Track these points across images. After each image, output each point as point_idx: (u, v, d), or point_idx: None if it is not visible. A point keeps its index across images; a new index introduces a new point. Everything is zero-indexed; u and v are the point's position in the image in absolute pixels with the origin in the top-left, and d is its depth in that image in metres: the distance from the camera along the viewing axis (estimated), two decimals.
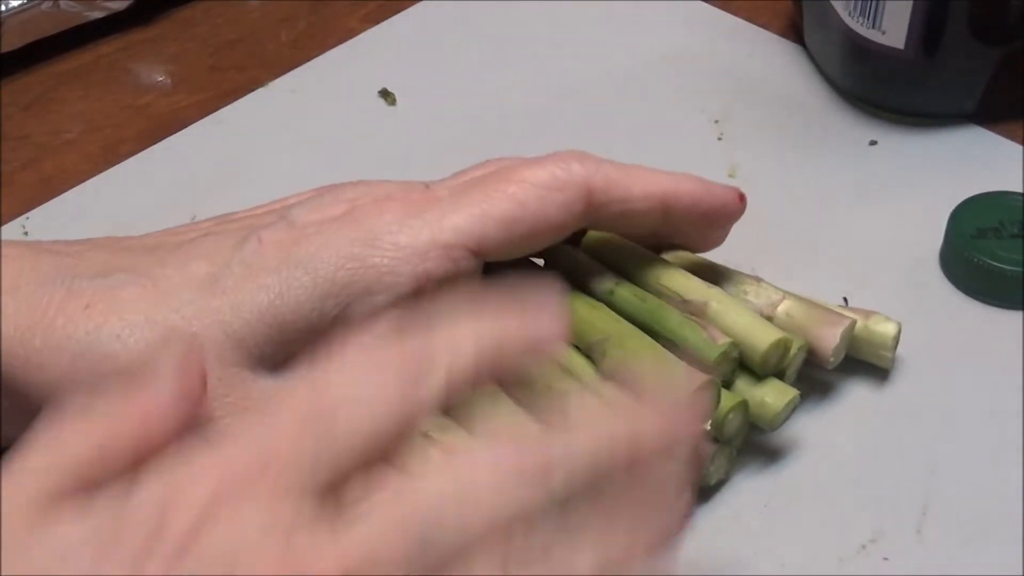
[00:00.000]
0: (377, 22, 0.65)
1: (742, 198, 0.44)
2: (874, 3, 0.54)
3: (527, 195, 0.39)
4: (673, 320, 0.43)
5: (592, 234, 0.47)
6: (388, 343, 0.30)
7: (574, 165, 0.40)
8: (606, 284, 0.44)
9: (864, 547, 0.41)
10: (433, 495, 0.28)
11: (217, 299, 0.37)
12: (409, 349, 0.29)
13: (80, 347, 0.36)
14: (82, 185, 0.56)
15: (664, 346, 0.42)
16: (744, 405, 0.42)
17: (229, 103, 0.60)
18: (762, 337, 0.42)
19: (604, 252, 0.46)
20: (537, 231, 0.40)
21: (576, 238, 0.45)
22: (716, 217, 0.43)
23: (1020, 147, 0.56)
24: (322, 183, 0.49)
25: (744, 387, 0.42)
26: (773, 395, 0.42)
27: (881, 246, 0.51)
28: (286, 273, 0.37)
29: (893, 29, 0.54)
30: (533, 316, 0.31)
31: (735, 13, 0.64)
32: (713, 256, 0.47)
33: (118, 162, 0.57)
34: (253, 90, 0.60)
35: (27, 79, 0.61)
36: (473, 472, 0.28)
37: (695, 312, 0.43)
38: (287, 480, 0.27)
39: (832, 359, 0.44)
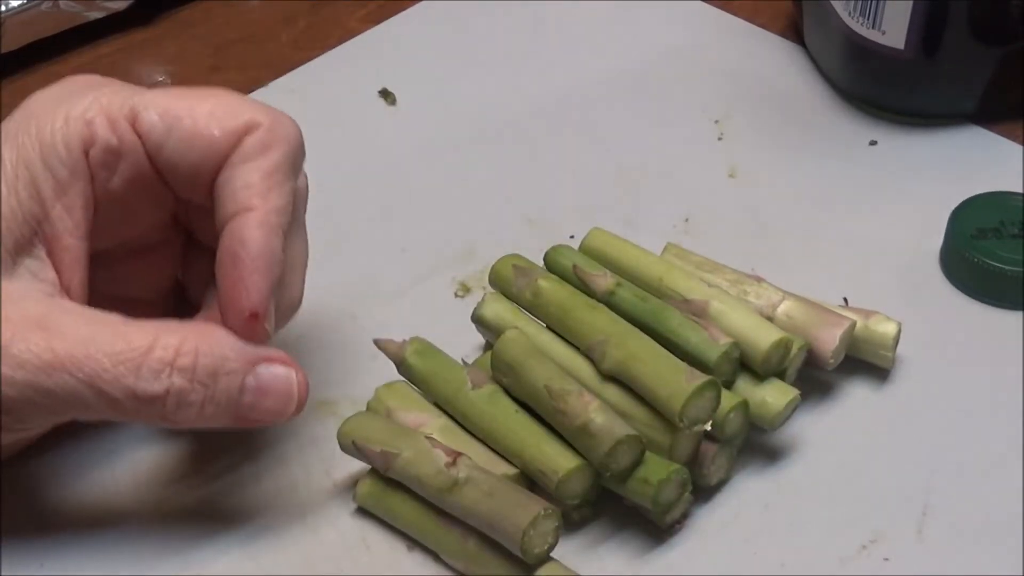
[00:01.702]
0: (377, 22, 0.65)
1: (254, 319, 0.39)
2: (874, 3, 0.54)
3: (204, 103, 0.40)
4: (674, 320, 0.43)
5: (593, 234, 0.47)
6: None
7: (266, 113, 0.40)
8: (606, 284, 0.44)
9: (864, 547, 0.41)
10: None
11: None
12: None
13: None
14: None
15: (664, 346, 0.42)
16: (745, 405, 0.42)
17: None
18: (763, 337, 0.42)
19: (604, 252, 0.46)
20: (195, 137, 0.39)
21: None
22: (227, 294, 0.39)
23: (1020, 147, 0.56)
24: (322, 183, 0.49)
25: (745, 387, 0.42)
26: (774, 395, 0.42)
27: (881, 246, 0.51)
28: None
29: (893, 29, 0.54)
30: None
31: (735, 13, 0.64)
32: (713, 256, 0.47)
33: None
34: (253, 90, 0.60)
35: (27, 79, 0.61)
36: None
37: (696, 312, 0.43)
38: None
39: (832, 360, 0.44)
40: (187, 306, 0.45)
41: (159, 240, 0.44)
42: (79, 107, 0.39)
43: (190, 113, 0.40)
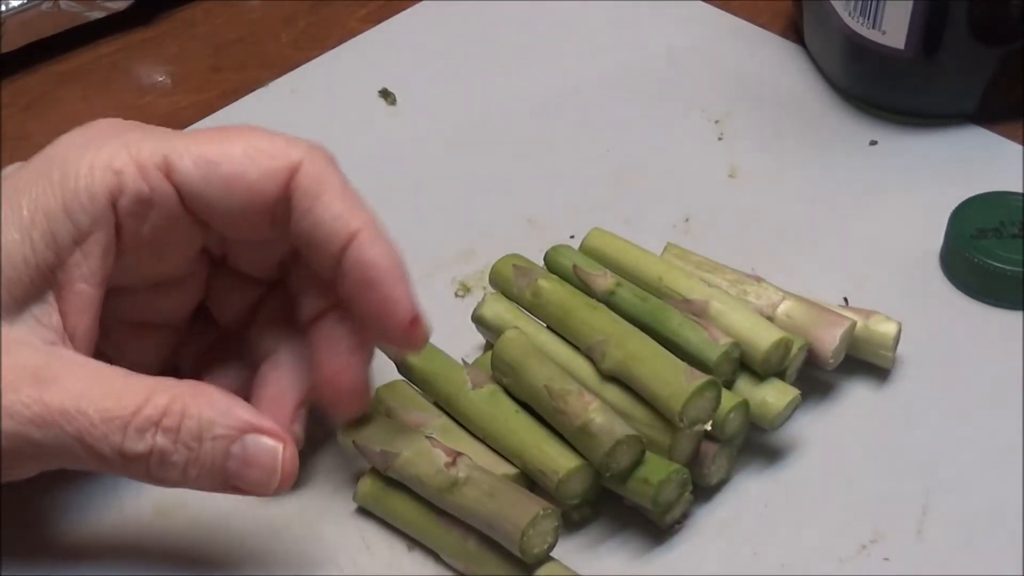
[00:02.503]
0: (377, 22, 0.65)
1: (415, 323, 0.39)
2: (874, 3, 0.54)
3: (235, 145, 0.39)
4: (674, 320, 0.43)
5: (593, 234, 0.47)
6: None
7: (299, 146, 0.40)
8: (606, 284, 0.44)
9: (864, 547, 0.41)
10: None
11: None
12: None
13: None
14: None
15: (665, 346, 0.42)
16: (745, 405, 0.42)
17: (229, 103, 0.60)
18: (763, 337, 0.42)
19: (604, 252, 0.46)
20: (233, 182, 0.39)
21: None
22: (383, 315, 0.39)
23: (1020, 147, 0.56)
24: None
25: (745, 387, 0.42)
26: (774, 395, 0.42)
27: (881, 246, 0.51)
28: None
29: (893, 29, 0.54)
30: None
31: (735, 13, 0.64)
32: (713, 256, 0.47)
33: None
34: (253, 90, 0.60)
35: (27, 79, 0.61)
36: None
37: (696, 312, 0.43)
38: None
39: (832, 360, 0.44)
40: (209, 325, 0.44)
41: (185, 274, 0.43)
42: (105, 155, 0.39)
43: (225, 158, 0.39)
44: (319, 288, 0.42)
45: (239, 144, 0.39)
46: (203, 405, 0.37)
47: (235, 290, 0.44)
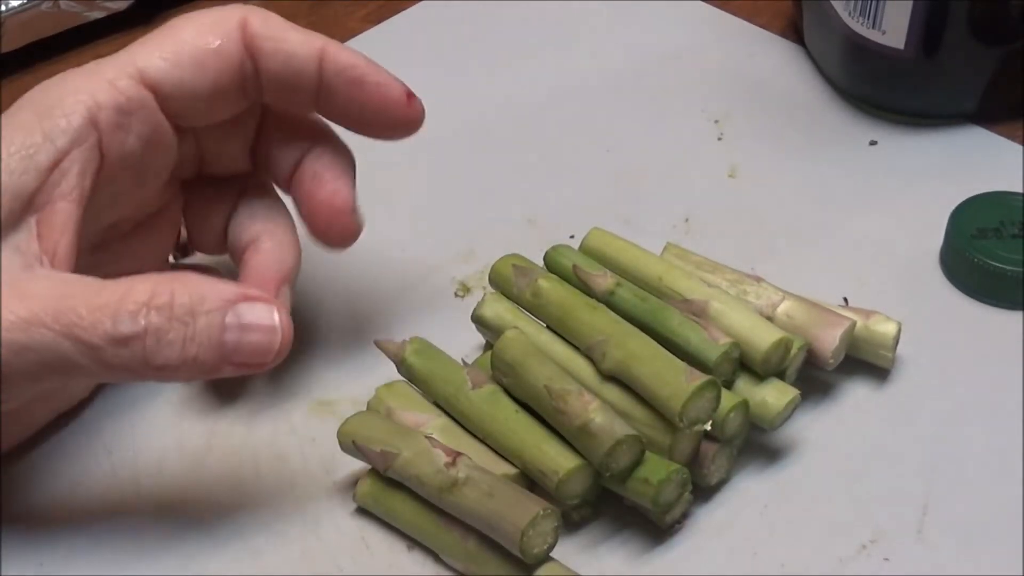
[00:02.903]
0: (377, 22, 0.65)
1: (411, 96, 0.44)
2: (874, 3, 0.54)
3: (186, 30, 0.42)
4: (674, 320, 0.43)
5: (592, 234, 0.47)
6: None
7: (235, 7, 0.42)
8: (606, 284, 0.44)
9: (864, 547, 0.41)
10: None
11: None
12: None
13: None
14: None
15: (665, 346, 0.42)
16: (744, 405, 0.42)
17: None
18: (763, 337, 0.42)
19: (604, 252, 0.46)
20: (201, 58, 0.41)
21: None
22: (380, 102, 0.43)
23: (1020, 147, 0.56)
24: None
25: (745, 387, 0.42)
26: (774, 395, 0.42)
27: (881, 246, 0.51)
28: None
29: (893, 29, 0.54)
30: None
31: (735, 13, 0.64)
32: (713, 256, 0.47)
33: None
34: None
35: (27, 79, 0.61)
36: None
37: (696, 312, 0.43)
38: None
39: (832, 360, 0.44)
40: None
41: (161, 206, 0.45)
42: (79, 79, 0.40)
43: (184, 43, 0.41)
44: (291, 140, 0.45)
45: (188, 28, 0.42)
46: (190, 284, 0.38)
47: (211, 208, 0.46)
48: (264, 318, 0.38)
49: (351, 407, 0.45)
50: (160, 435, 0.45)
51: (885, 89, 0.57)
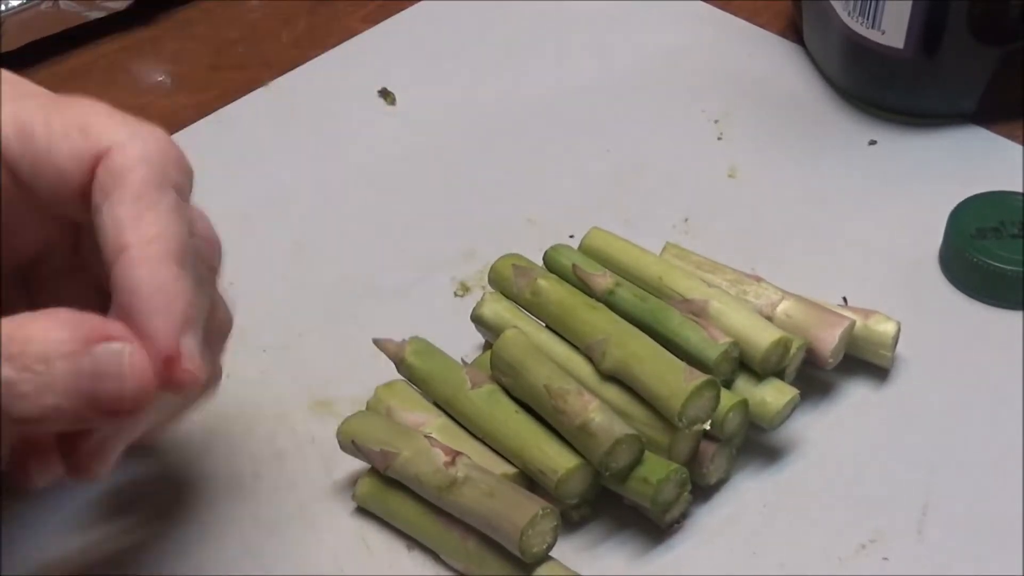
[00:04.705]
0: (377, 22, 0.65)
1: (170, 362, 0.34)
2: (874, 3, 0.54)
3: (63, 116, 0.36)
4: (674, 320, 0.43)
5: (592, 234, 0.47)
6: None
7: (122, 130, 0.36)
8: (606, 284, 0.44)
9: (864, 547, 0.41)
10: None
11: None
12: None
13: None
14: None
15: (664, 346, 0.42)
16: (744, 404, 0.42)
17: (229, 103, 0.60)
18: (763, 336, 0.42)
19: (604, 252, 0.46)
20: (41, 160, 0.35)
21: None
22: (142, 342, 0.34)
23: (1020, 147, 0.56)
24: (322, 183, 0.50)
25: (744, 386, 0.42)
26: (773, 394, 0.42)
27: (881, 246, 0.51)
28: None
29: (893, 29, 0.54)
30: None
31: (735, 13, 0.64)
32: (713, 256, 0.47)
33: None
34: (253, 90, 0.60)
35: (27, 79, 0.61)
36: None
37: (696, 312, 0.43)
38: None
39: (831, 359, 0.44)
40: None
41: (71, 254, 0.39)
42: None
43: (44, 132, 0.36)
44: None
45: (65, 115, 0.36)
46: (49, 326, 0.33)
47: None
48: (112, 361, 0.33)
49: (351, 407, 0.45)
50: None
51: (885, 89, 0.57)
